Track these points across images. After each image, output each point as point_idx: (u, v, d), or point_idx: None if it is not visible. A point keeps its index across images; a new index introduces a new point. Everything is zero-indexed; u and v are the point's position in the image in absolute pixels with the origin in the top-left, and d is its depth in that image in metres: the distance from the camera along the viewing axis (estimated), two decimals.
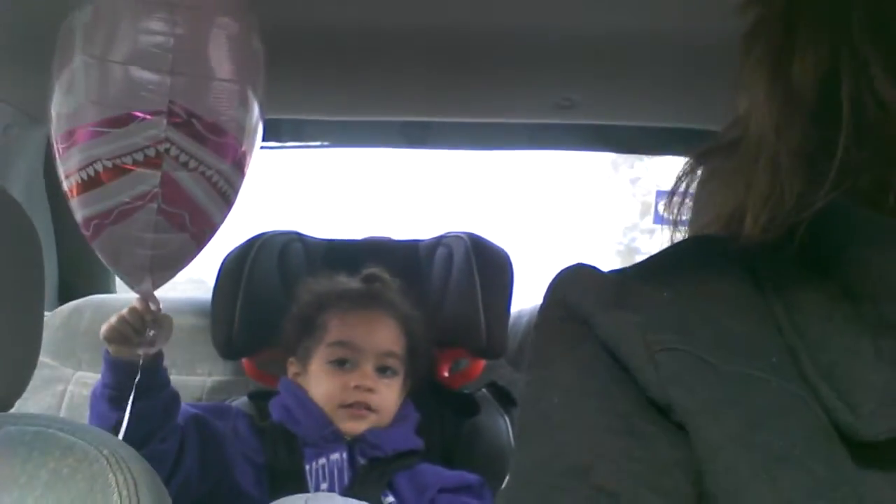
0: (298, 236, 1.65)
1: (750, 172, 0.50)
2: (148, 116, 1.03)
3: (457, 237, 1.59)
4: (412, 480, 1.29)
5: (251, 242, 1.55)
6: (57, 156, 1.09)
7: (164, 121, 1.03)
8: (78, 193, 1.07)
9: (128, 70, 1.03)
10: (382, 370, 1.35)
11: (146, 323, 1.17)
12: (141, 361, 1.16)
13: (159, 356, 1.21)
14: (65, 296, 1.78)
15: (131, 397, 1.14)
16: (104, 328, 1.17)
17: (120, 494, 0.69)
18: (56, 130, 1.08)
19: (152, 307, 1.18)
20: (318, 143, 1.91)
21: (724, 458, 0.41)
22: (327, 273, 1.51)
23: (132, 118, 1.03)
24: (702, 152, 0.58)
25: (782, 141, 0.48)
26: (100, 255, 1.13)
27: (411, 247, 1.67)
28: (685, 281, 0.49)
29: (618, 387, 0.45)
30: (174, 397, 1.23)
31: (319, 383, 1.34)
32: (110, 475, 0.70)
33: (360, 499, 1.21)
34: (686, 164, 0.57)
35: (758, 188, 0.49)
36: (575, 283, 0.52)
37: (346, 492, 1.23)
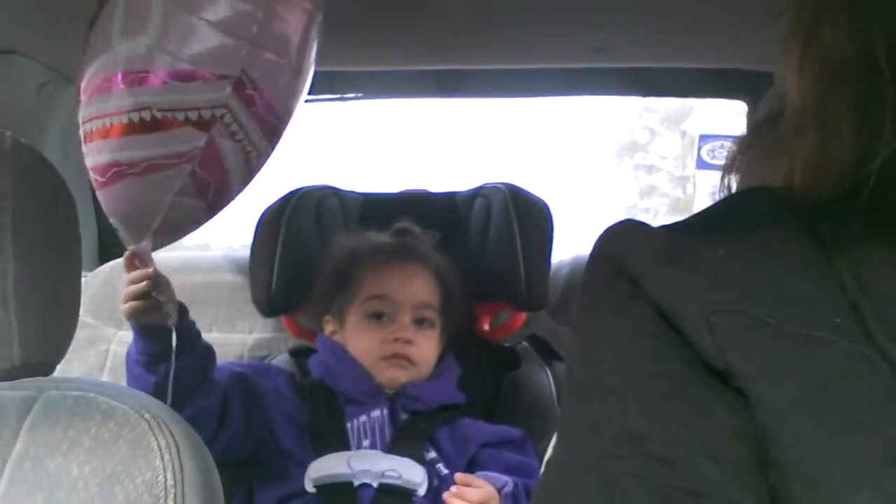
0: (334, 191, 1.63)
1: (798, 139, 0.48)
2: (213, 78, 1.02)
3: (495, 188, 1.57)
4: (454, 435, 1.29)
5: (287, 198, 1.53)
6: (91, 93, 1.06)
7: (229, 87, 1.02)
8: (107, 137, 1.04)
9: (212, 28, 1.01)
10: (419, 322, 1.35)
11: (154, 283, 1.14)
12: (173, 325, 1.15)
13: (185, 313, 1.20)
14: (105, 256, 1.79)
15: (172, 366, 1.13)
16: (124, 310, 1.15)
17: (162, 458, 0.69)
18: (104, 67, 1.04)
19: (148, 268, 1.15)
20: (351, 95, 1.88)
21: (790, 426, 0.39)
22: (361, 228, 1.49)
23: (199, 76, 1.01)
24: (753, 125, 0.56)
25: (828, 102, 0.46)
26: (104, 204, 1.10)
27: (449, 199, 1.65)
28: (740, 237, 0.47)
29: (671, 350, 0.43)
30: (209, 351, 1.23)
31: (357, 338, 1.34)
32: (152, 439, 0.70)
33: (402, 455, 1.22)
34: (741, 137, 0.56)
35: (808, 151, 0.47)
36: (624, 239, 0.50)
37: (389, 448, 1.23)
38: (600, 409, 0.44)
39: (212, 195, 1.09)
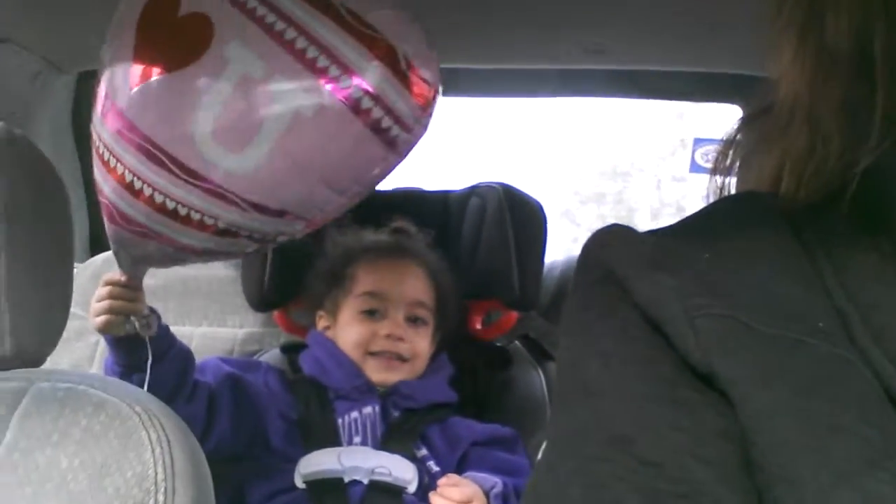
0: None
1: (786, 135, 0.48)
2: (293, 219, 1.04)
3: (489, 188, 1.57)
4: (445, 433, 1.29)
5: None
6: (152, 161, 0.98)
7: (304, 224, 1.07)
8: (160, 212, 0.99)
9: (319, 179, 1.02)
10: (413, 320, 1.35)
11: (135, 296, 1.14)
12: (149, 335, 1.14)
13: (157, 320, 1.18)
14: (96, 247, 1.77)
15: (147, 376, 1.12)
16: (97, 325, 1.14)
17: (153, 452, 0.69)
18: (183, 154, 0.96)
19: (133, 283, 1.14)
20: None
21: (773, 429, 0.39)
22: (354, 225, 1.49)
23: (285, 215, 1.03)
24: (741, 121, 0.56)
25: (819, 99, 0.46)
26: (126, 242, 1.08)
27: (443, 197, 1.65)
28: (726, 241, 0.47)
29: (658, 353, 0.43)
30: (186, 357, 1.21)
31: (349, 332, 1.33)
32: (143, 432, 0.70)
33: (392, 452, 1.22)
34: (731, 132, 0.55)
35: (795, 150, 0.47)
36: (610, 244, 0.50)
37: (380, 445, 1.23)
38: (588, 413, 0.44)
39: None
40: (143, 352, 1.13)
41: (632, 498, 0.40)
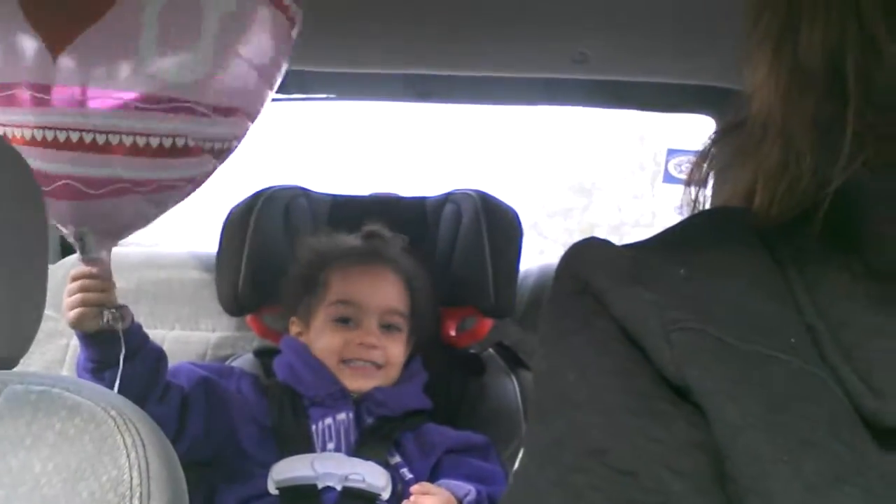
0: (303, 191, 1.62)
1: (759, 150, 0.49)
2: (243, 116, 1.07)
3: (465, 195, 1.57)
4: (418, 440, 1.29)
5: (255, 197, 1.52)
6: (104, 105, 1.00)
7: (249, 120, 1.08)
8: (116, 154, 1.00)
9: (252, 65, 1.04)
10: (386, 326, 1.34)
11: (106, 286, 1.13)
12: (122, 328, 1.13)
13: (129, 316, 1.17)
14: (67, 248, 1.75)
15: (119, 368, 1.11)
16: (70, 319, 1.13)
17: (128, 457, 0.68)
18: (134, 83, 0.99)
19: (107, 275, 1.14)
20: (323, 96, 1.87)
21: (745, 442, 0.39)
22: (330, 230, 1.49)
23: (236, 113, 1.05)
24: (716, 134, 0.57)
25: (792, 115, 0.47)
26: (80, 213, 1.07)
27: (418, 203, 1.65)
28: (701, 257, 0.48)
29: (634, 365, 0.44)
30: (159, 356, 1.21)
31: (322, 340, 1.33)
32: (118, 436, 0.69)
33: (366, 458, 1.21)
34: (704, 146, 0.56)
35: (768, 166, 0.48)
36: (587, 257, 0.50)
37: (353, 451, 1.23)
38: (565, 424, 0.44)
39: (172, 205, 1.13)
40: (116, 347, 1.12)
41: None
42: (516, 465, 0.49)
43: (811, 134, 0.46)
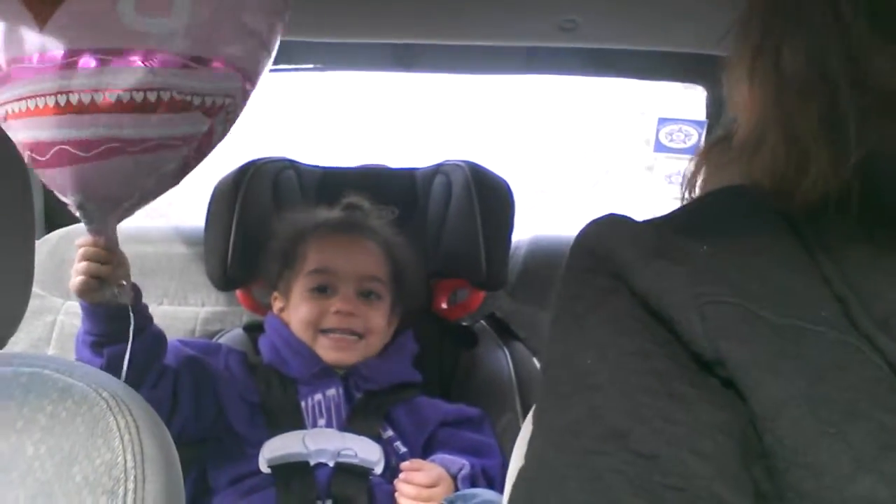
0: (291, 164, 1.60)
1: (757, 152, 0.50)
2: (231, 70, 1.03)
3: (455, 165, 1.56)
4: (411, 413, 1.28)
5: (243, 170, 1.50)
6: (83, 62, 0.99)
7: (241, 78, 1.05)
8: (104, 111, 0.99)
9: (240, 18, 1.02)
10: (366, 294, 1.33)
11: (110, 258, 1.11)
12: (128, 303, 1.12)
13: (137, 294, 1.17)
14: (52, 223, 1.73)
15: (129, 344, 1.10)
16: (75, 285, 1.11)
17: (122, 439, 0.67)
18: (113, 41, 0.98)
19: (113, 248, 1.12)
20: (309, 66, 1.85)
21: (789, 415, 0.39)
22: (318, 202, 1.47)
23: (218, 65, 1.02)
24: (707, 146, 0.58)
25: (794, 116, 0.47)
26: (75, 178, 1.04)
27: (408, 175, 1.63)
28: (722, 234, 0.48)
29: (655, 346, 0.44)
30: (159, 338, 1.20)
31: (299, 311, 1.32)
32: (111, 419, 0.68)
33: (358, 433, 1.21)
34: (693, 160, 0.58)
35: (774, 168, 0.49)
36: (608, 233, 0.50)
37: (344, 426, 1.22)
38: (584, 406, 0.44)
39: (181, 176, 1.09)
40: (116, 323, 1.11)
41: (628, 490, 0.40)
42: (524, 448, 0.48)
43: (819, 131, 0.46)
